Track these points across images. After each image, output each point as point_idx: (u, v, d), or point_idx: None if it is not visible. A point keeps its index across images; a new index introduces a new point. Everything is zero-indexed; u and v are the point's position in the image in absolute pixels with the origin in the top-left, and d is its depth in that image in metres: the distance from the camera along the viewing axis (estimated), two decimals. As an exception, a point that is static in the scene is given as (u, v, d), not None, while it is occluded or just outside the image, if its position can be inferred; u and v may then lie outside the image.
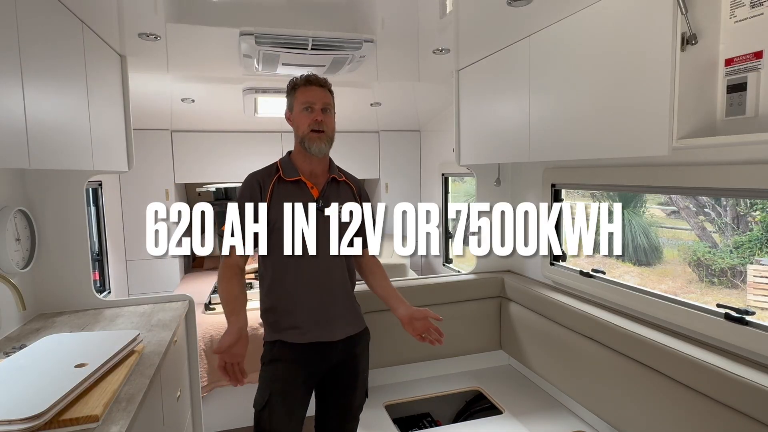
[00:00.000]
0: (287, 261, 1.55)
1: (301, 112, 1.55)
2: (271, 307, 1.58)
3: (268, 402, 1.52)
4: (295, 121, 1.58)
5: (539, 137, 1.85)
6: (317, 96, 1.55)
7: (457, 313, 2.36)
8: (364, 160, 4.12)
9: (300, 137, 1.57)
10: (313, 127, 1.54)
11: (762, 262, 3.54)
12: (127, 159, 2.14)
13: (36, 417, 1.03)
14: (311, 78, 1.57)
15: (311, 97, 1.54)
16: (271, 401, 1.52)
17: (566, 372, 1.94)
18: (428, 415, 2.26)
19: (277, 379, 1.55)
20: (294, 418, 1.56)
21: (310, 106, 1.54)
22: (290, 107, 1.61)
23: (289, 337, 1.56)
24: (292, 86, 1.59)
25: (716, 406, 1.33)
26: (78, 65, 1.61)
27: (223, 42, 1.95)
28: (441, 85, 2.88)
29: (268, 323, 1.60)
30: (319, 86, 1.57)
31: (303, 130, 1.55)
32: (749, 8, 1.20)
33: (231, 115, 3.38)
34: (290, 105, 1.60)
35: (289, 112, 1.62)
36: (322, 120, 1.54)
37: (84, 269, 2.01)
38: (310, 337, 1.56)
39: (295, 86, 1.58)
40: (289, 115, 1.62)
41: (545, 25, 1.76)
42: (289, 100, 1.61)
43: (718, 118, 1.29)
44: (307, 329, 1.57)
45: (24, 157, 1.21)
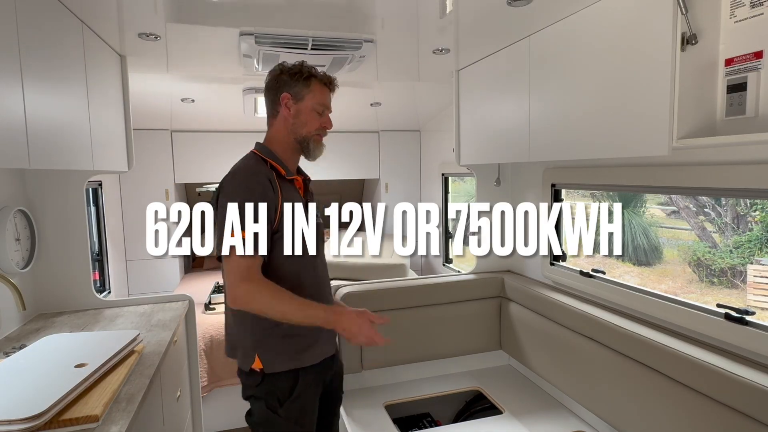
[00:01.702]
0: (302, 266, 1.40)
1: (312, 111, 1.42)
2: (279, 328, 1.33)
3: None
4: (303, 117, 1.42)
5: (539, 137, 1.85)
6: (330, 100, 1.47)
7: (457, 313, 2.36)
8: (364, 160, 4.12)
9: (303, 136, 1.43)
10: (320, 132, 1.45)
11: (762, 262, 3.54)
12: (127, 159, 2.14)
13: (36, 417, 1.03)
14: (333, 82, 1.46)
15: (327, 100, 1.45)
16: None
17: (566, 372, 1.94)
18: (428, 415, 2.26)
19: (308, 412, 1.39)
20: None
21: (324, 110, 1.45)
22: (299, 97, 1.41)
23: (308, 359, 1.37)
24: (308, 75, 1.41)
25: (716, 406, 1.32)
26: (78, 65, 1.61)
27: (223, 42, 1.95)
28: (441, 85, 2.88)
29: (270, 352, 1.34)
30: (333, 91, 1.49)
31: (310, 130, 1.43)
32: (749, 8, 1.20)
33: (231, 115, 3.38)
34: (299, 95, 1.41)
35: (293, 101, 1.41)
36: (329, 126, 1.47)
37: (84, 269, 2.01)
38: (322, 353, 1.42)
39: (312, 78, 1.42)
40: (291, 104, 1.41)
41: (545, 25, 1.76)
42: (298, 87, 1.40)
43: (718, 118, 1.29)
44: (322, 343, 1.42)
45: (24, 157, 1.21)
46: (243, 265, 1.26)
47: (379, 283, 2.34)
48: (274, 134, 1.46)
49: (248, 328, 1.35)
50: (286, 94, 1.41)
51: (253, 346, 1.34)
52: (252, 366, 1.34)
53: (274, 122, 1.46)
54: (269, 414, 1.34)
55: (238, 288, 1.26)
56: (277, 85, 1.42)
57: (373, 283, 2.33)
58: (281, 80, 1.41)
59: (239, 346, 1.38)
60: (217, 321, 2.77)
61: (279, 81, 1.42)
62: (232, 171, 1.39)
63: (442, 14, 1.70)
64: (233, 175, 1.37)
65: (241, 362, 1.38)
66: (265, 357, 1.33)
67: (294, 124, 1.42)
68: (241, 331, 1.37)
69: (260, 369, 1.33)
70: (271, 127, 1.47)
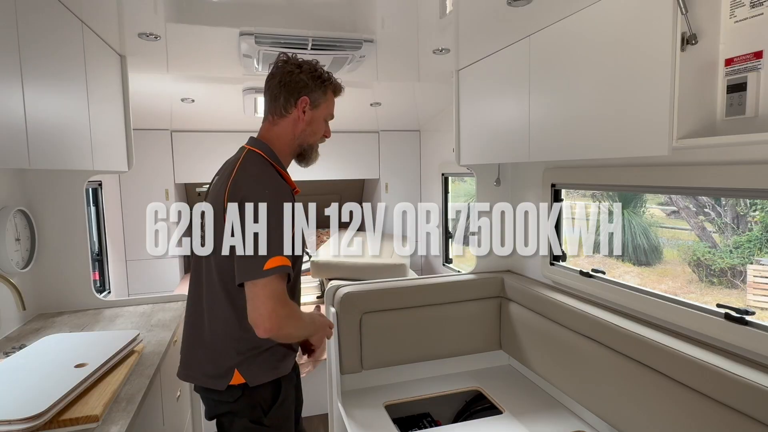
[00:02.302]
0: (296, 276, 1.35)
1: (323, 121, 1.40)
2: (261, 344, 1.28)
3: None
4: (315, 124, 1.38)
5: (539, 137, 1.85)
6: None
7: (457, 313, 2.36)
8: (364, 160, 4.12)
9: (309, 143, 1.39)
10: (322, 140, 1.43)
11: (762, 262, 3.54)
12: (127, 159, 2.14)
13: (36, 417, 1.03)
14: (342, 90, 1.43)
15: (334, 110, 1.43)
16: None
17: (566, 372, 1.94)
18: (428, 415, 2.26)
19: (288, 418, 1.37)
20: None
21: (331, 119, 1.43)
22: (316, 104, 1.36)
23: (285, 368, 1.34)
24: (327, 82, 1.37)
25: (716, 406, 1.32)
26: (78, 65, 1.61)
27: (223, 42, 1.95)
28: (441, 85, 2.87)
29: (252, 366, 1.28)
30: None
31: (317, 137, 1.41)
32: (749, 8, 1.20)
33: (231, 115, 3.38)
34: (317, 102, 1.36)
35: (311, 107, 1.35)
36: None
37: (84, 269, 2.01)
38: (293, 360, 1.41)
39: (328, 85, 1.38)
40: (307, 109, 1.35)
41: (545, 25, 1.76)
42: (317, 94, 1.35)
43: (718, 118, 1.29)
44: (293, 351, 1.39)
45: (24, 157, 1.21)
46: (280, 290, 1.16)
47: (379, 283, 2.34)
48: (279, 134, 1.36)
49: (228, 345, 1.27)
50: (306, 98, 1.34)
51: (234, 365, 1.26)
52: (230, 383, 1.26)
53: (281, 122, 1.36)
54: (254, 427, 1.28)
55: (277, 314, 1.15)
56: (298, 86, 1.33)
57: (373, 283, 2.33)
58: (301, 80, 1.33)
59: (210, 365, 1.28)
60: (217, 321, 2.77)
61: (299, 81, 1.33)
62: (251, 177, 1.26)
63: (442, 14, 1.70)
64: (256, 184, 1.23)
65: (213, 383, 1.27)
66: (249, 371, 1.27)
67: (304, 131, 1.37)
68: (222, 352, 1.27)
69: (240, 384, 1.26)
70: (275, 125, 1.37)
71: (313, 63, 1.37)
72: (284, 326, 1.17)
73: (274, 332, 1.16)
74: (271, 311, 1.14)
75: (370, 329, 2.23)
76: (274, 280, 1.15)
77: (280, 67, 1.35)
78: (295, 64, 1.35)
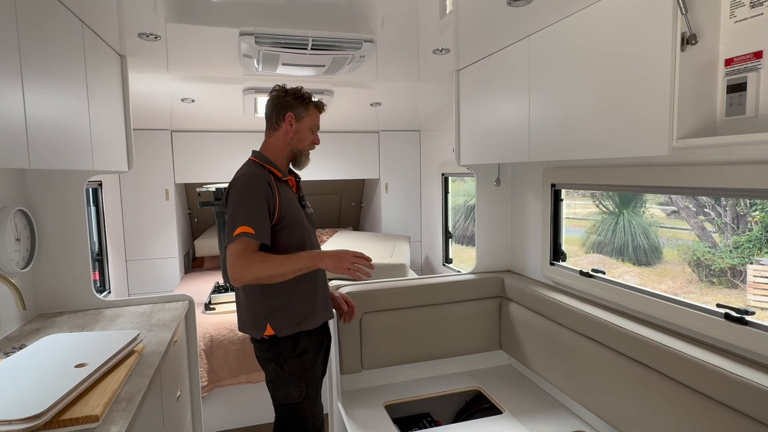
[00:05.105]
0: (300, 249, 1.68)
1: (308, 130, 1.76)
2: (285, 303, 1.67)
3: (307, 392, 1.71)
4: (301, 133, 1.74)
5: (539, 137, 1.85)
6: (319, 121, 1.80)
7: (457, 313, 2.36)
8: (364, 160, 4.12)
9: (298, 148, 1.76)
10: (311, 147, 1.79)
11: (762, 262, 3.54)
12: (127, 159, 2.14)
13: (36, 417, 1.03)
14: (324, 107, 1.80)
15: (318, 122, 1.79)
16: (309, 390, 1.72)
17: (566, 372, 1.94)
18: (428, 415, 2.26)
19: (307, 368, 1.72)
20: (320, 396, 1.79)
21: (316, 129, 1.79)
22: (300, 117, 1.74)
23: (308, 325, 1.71)
24: (308, 100, 1.75)
25: (716, 406, 1.33)
26: (78, 65, 1.62)
27: (223, 42, 1.96)
28: (441, 85, 2.88)
29: (279, 321, 1.67)
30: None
31: (305, 144, 1.77)
32: (749, 8, 1.20)
33: (231, 115, 3.38)
34: (300, 116, 1.74)
35: (296, 120, 1.73)
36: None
37: (84, 269, 2.01)
38: (320, 319, 1.76)
39: (309, 102, 1.75)
40: (293, 122, 1.73)
41: (545, 25, 1.76)
42: (300, 109, 1.73)
43: (718, 118, 1.29)
44: (319, 312, 1.75)
45: (24, 157, 1.22)
46: (239, 249, 1.54)
47: (379, 283, 2.34)
48: (273, 143, 1.75)
49: (258, 304, 1.66)
50: (290, 113, 1.72)
51: (264, 318, 1.65)
52: (264, 334, 1.66)
53: (274, 134, 1.75)
54: (278, 370, 1.69)
55: (235, 267, 1.53)
56: (284, 105, 1.72)
57: (373, 283, 2.33)
58: (287, 101, 1.72)
59: (249, 320, 1.69)
60: (217, 321, 2.77)
61: (285, 102, 1.72)
62: (236, 177, 1.67)
63: (442, 14, 1.70)
64: (237, 180, 1.65)
65: (253, 333, 1.70)
66: (276, 325, 1.66)
67: (293, 139, 1.74)
68: (252, 307, 1.68)
69: (269, 336, 1.66)
70: (269, 137, 1.76)
71: (298, 88, 1.76)
72: (245, 273, 1.53)
73: (238, 279, 1.54)
74: (232, 265, 1.53)
75: (370, 329, 2.23)
76: (238, 243, 1.54)
77: (272, 95, 1.76)
78: (283, 90, 1.75)
